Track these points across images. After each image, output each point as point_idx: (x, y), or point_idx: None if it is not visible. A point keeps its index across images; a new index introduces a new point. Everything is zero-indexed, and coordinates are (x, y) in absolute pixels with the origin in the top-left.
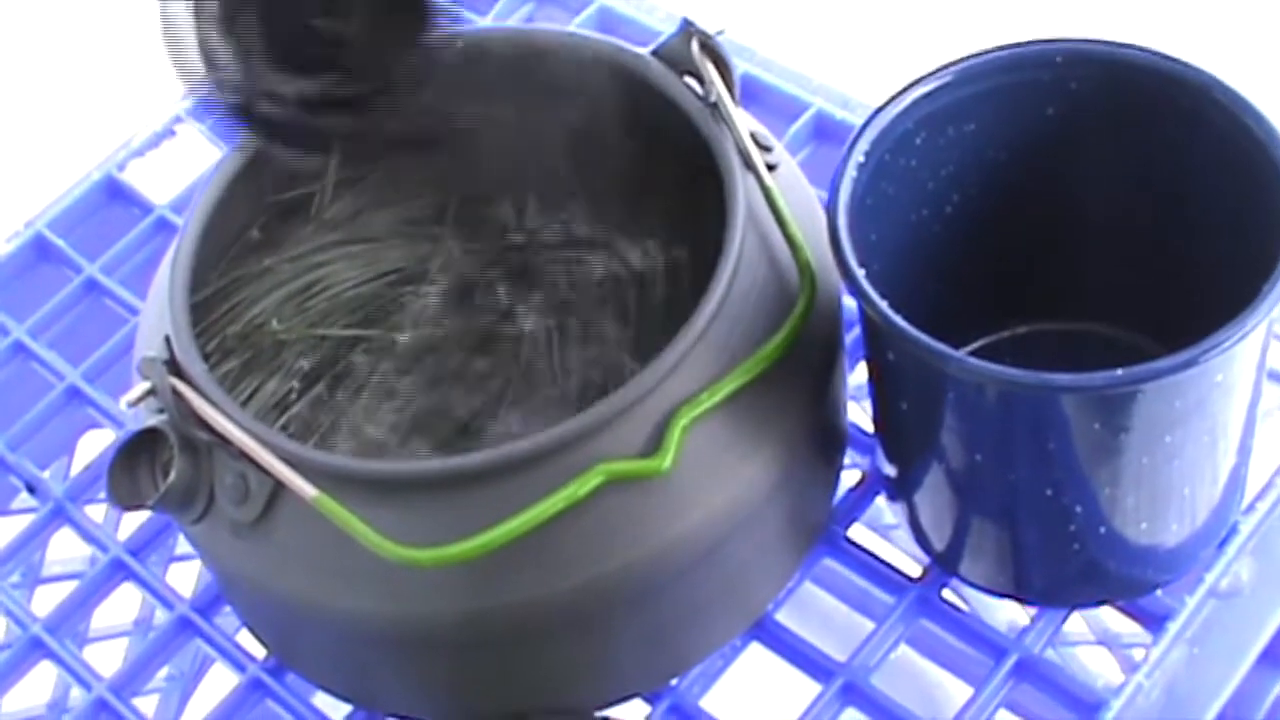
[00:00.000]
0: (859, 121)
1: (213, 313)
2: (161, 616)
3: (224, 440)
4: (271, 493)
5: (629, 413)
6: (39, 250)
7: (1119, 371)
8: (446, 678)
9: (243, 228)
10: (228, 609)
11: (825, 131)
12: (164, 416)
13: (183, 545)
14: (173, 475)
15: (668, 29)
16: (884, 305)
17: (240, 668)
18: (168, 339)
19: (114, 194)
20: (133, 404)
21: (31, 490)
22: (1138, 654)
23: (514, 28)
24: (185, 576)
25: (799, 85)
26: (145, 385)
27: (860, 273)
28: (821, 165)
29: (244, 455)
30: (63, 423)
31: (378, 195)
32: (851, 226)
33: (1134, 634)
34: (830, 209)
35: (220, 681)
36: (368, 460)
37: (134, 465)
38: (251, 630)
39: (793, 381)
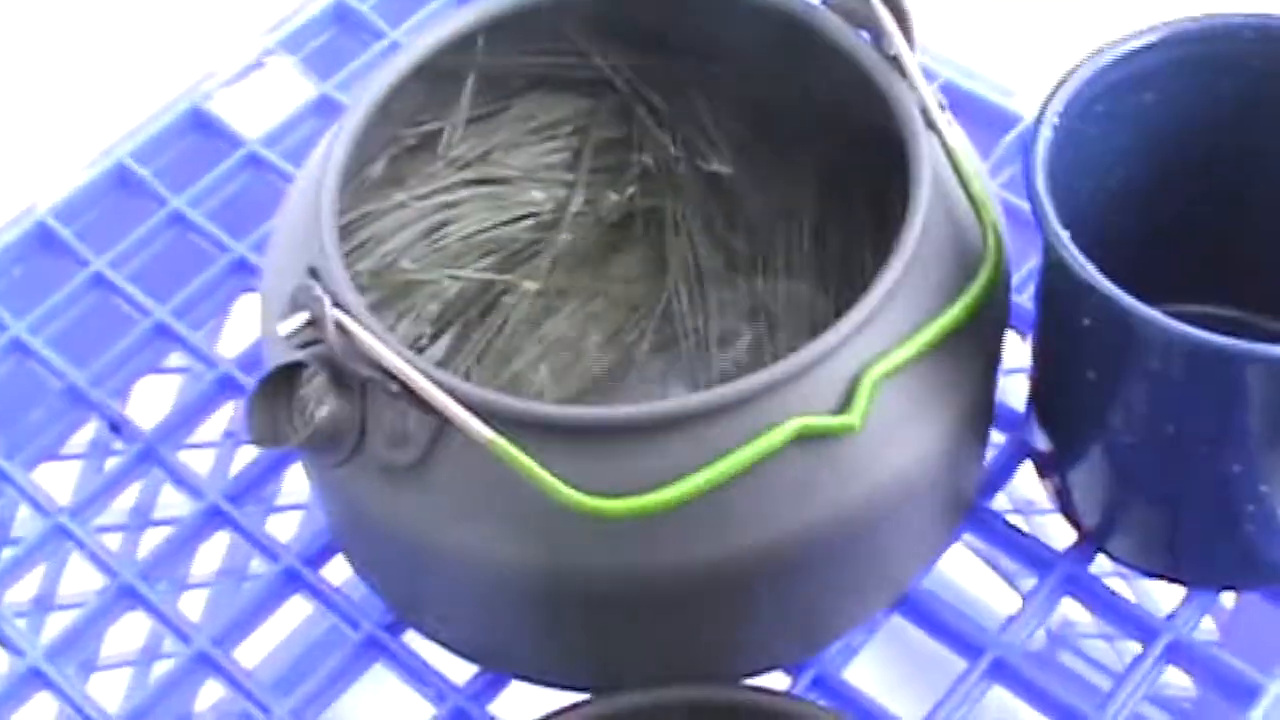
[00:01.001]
0: (984, 92)
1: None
2: (260, 567)
3: (389, 376)
4: (434, 434)
5: (821, 366)
6: (120, 181)
7: None
8: (591, 640)
9: (369, 160)
10: (334, 562)
11: (954, 103)
12: (307, 351)
13: (283, 496)
14: (325, 411)
15: None
16: (1093, 269)
17: (354, 624)
18: (313, 270)
19: (200, 125)
20: (291, 335)
21: (116, 430)
22: None
23: None
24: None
25: (924, 54)
26: (303, 315)
27: (1065, 234)
28: None
29: (408, 393)
30: (143, 360)
31: (510, 135)
32: (1049, 188)
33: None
34: (1028, 170)
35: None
36: (552, 405)
37: (274, 402)
38: (372, 585)
39: (974, 342)
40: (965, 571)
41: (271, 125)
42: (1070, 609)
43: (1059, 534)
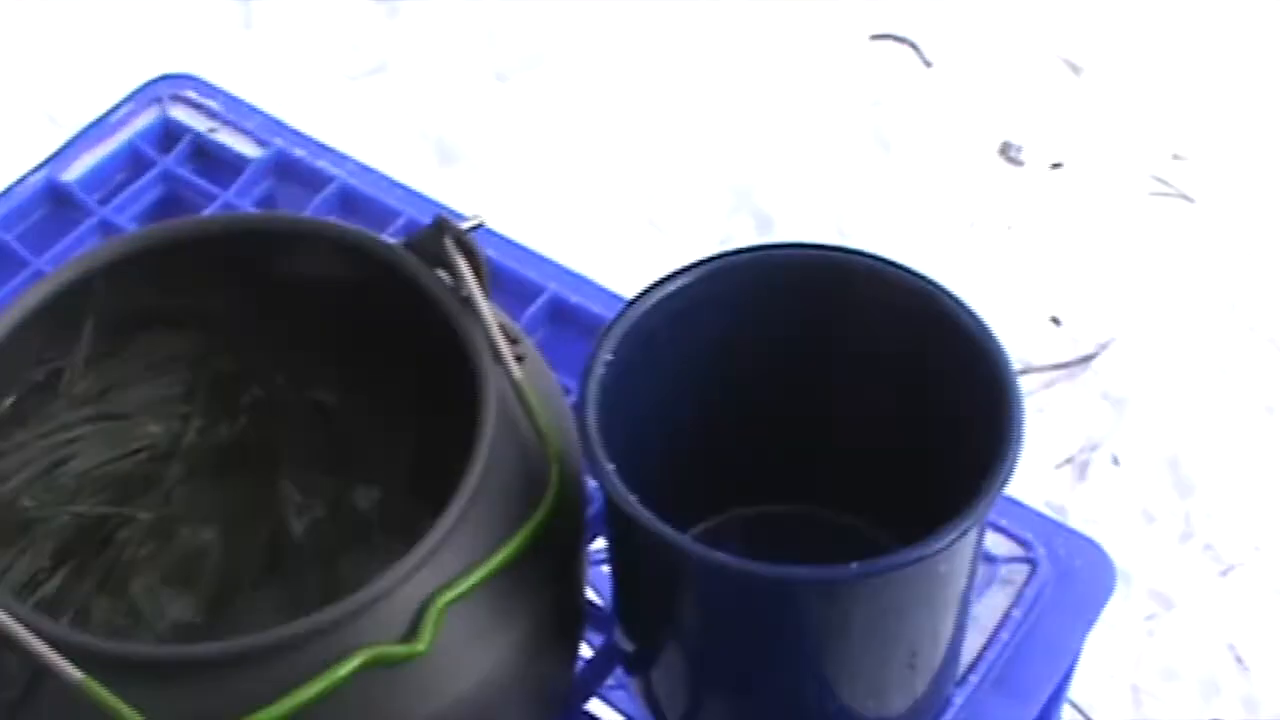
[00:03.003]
0: (592, 305)
1: None
2: None
3: None
4: (33, 674)
5: (389, 597)
6: None
7: (853, 566)
8: None
9: None
10: None
11: (560, 315)
12: None
13: None
14: None
15: (408, 209)
16: (634, 501)
17: None
18: None
19: None
20: None
21: None
22: None
23: (273, 214)
24: None
25: (536, 269)
26: None
27: (611, 468)
28: (556, 347)
29: (4, 637)
30: None
31: (128, 372)
32: (600, 421)
33: None
34: (580, 406)
35: None
36: (133, 643)
37: None
38: None
39: (542, 562)
40: None
41: None
42: None
43: None
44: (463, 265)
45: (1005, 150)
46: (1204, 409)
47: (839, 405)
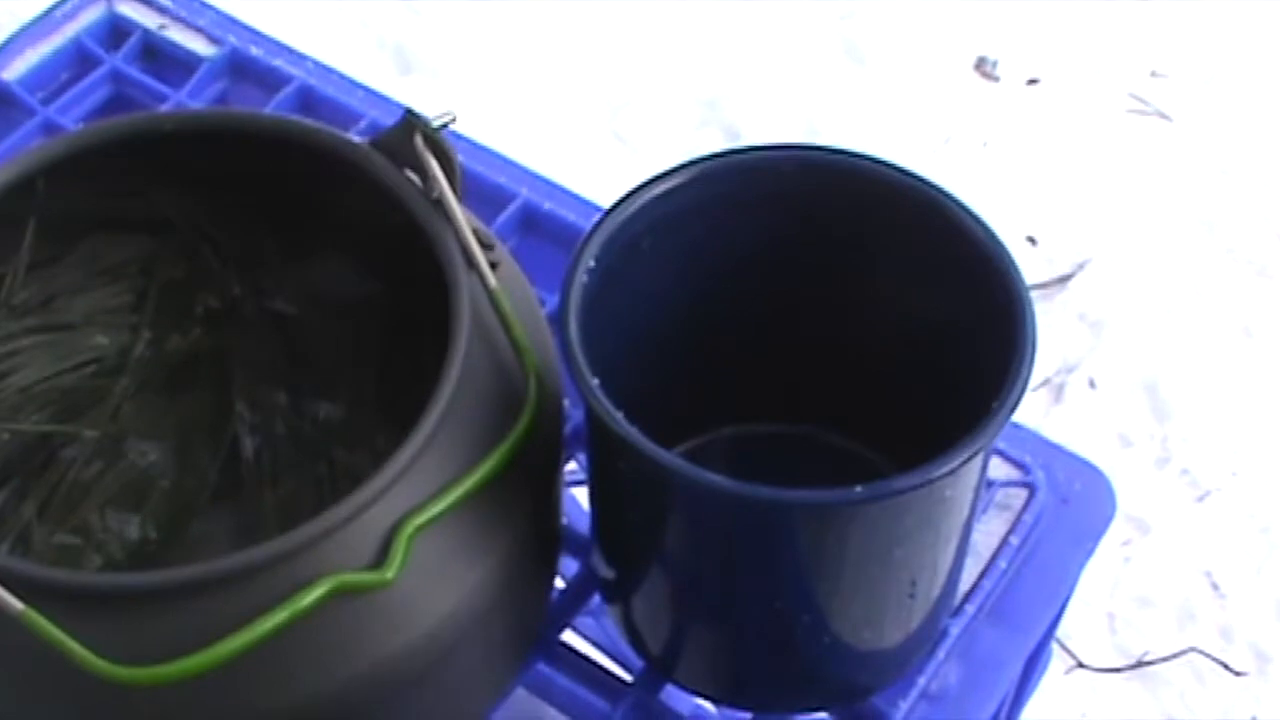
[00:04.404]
0: (566, 213)
1: None
2: None
3: None
4: None
5: (354, 521)
6: None
7: (857, 489)
8: None
9: None
10: None
11: (532, 224)
12: None
13: None
14: None
15: (370, 111)
16: (621, 419)
17: None
18: None
19: None
20: None
21: None
22: None
23: (229, 111)
24: None
25: (506, 174)
26: None
27: (595, 383)
28: (527, 257)
29: None
30: None
31: (73, 279)
32: (582, 335)
33: None
34: (561, 317)
35: None
36: (79, 572)
37: None
38: None
39: (518, 485)
40: None
41: None
42: None
43: None
44: (433, 165)
45: (981, 65)
46: (1182, 332)
47: (834, 320)
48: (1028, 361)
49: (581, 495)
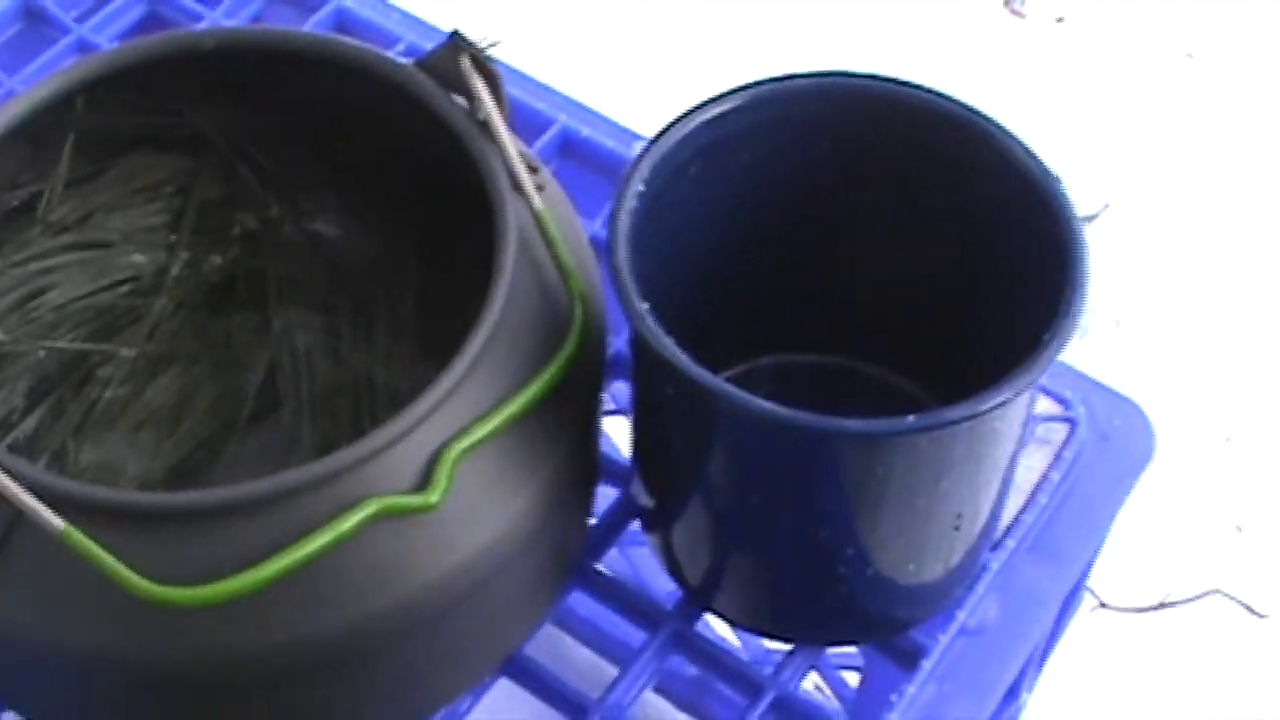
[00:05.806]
0: (604, 140)
1: None
2: None
3: None
4: (10, 523)
5: (399, 444)
6: None
7: (909, 419)
8: None
9: None
10: None
11: (570, 150)
12: None
13: None
14: None
15: (406, 33)
16: (671, 344)
17: None
18: None
19: None
20: None
21: None
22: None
23: (270, 29)
24: None
25: (544, 99)
26: None
27: (644, 307)
28: (566, 183)
29: None
30: None
31: (110, 197)
32: (631, 260)
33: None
34: (610, 242)
35: None
36: (121, 490)
37: None
38: None
39: (563, 411)
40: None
41: None
42: None
43: None
44: (480, 88)
45: (1008, 2)
46: (1207, 272)
47: (877, 250)
48: (1082, 294)
49: (611, 426)
